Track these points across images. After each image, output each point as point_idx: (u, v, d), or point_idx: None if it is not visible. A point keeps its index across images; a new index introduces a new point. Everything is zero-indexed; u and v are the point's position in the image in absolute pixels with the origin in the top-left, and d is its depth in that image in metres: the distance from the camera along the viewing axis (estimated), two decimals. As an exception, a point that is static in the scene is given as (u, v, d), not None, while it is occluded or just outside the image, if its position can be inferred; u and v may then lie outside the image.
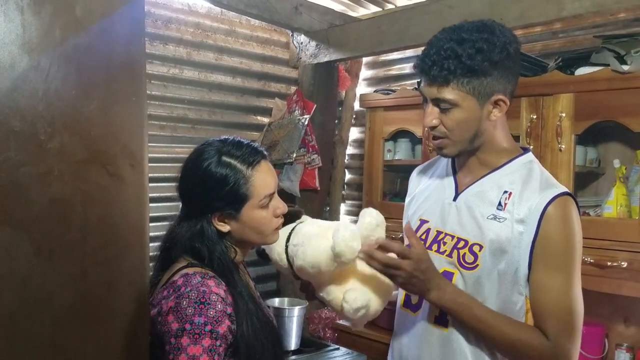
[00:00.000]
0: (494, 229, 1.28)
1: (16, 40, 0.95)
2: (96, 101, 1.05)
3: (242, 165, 1.31)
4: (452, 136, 1.29)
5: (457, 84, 1.24)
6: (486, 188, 1.33)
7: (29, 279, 0.97)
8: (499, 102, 1.28)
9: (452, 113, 1.27)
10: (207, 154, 1.34)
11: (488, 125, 1.30)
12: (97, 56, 1.06)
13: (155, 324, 1.23)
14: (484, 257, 1.28)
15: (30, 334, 0.97)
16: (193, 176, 1.35)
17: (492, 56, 1.22)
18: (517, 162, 1.34)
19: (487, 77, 1.24)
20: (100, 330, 1.07)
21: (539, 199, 1.26)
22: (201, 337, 1.16)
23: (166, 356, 1.18)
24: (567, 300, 1.25)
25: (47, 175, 0.99)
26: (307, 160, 2.98)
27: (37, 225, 0.98)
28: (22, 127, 0.95)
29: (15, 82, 0.95)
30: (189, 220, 1.34)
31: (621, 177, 2.16)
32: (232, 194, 1.30)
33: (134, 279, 1.13)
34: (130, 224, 1.13)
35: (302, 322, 2.60)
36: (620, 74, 2.03)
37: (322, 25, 3.00)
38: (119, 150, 1.10)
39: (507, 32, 1.27)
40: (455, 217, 1.35)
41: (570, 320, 1.25)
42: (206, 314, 1.17)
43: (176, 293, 1.21)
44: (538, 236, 1.24)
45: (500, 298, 1.28)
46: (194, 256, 1.31)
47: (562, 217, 1.25)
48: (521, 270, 1.26)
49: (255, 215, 1.33)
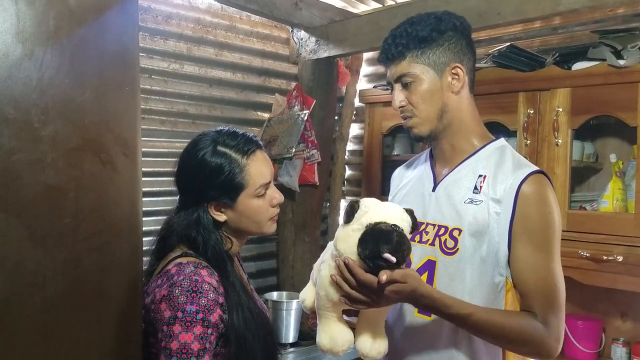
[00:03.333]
0: (471, 211, 1.31)
1: (10, 29, 0.96)
2: (89, 90, 1.07)
3: (237, 154, 1.33)
4: (419, 113, 1.36)
5: (412, 57, 1.35)
6: (462, 175, 1.37)
7: (22, 264, 0.98)
8: (455, 70, 1.35)
9: (414, 87, 1.35)
10: (203, 143, 1.36)
11: (452, 100, 1.36)
12: (90, 46, 1.07)
13: (149, 311, 1.25)
14: (463, 241, 1.31)
15: (23, 318, 0.99)
16: (189, 166, 1.37)
17: (439, 26, 1.34)
18: (490, 147, 1.38)
19: (438, 46, 1.34)
20: (93, 315, 1.09)
21: (513, 178, 1.29)
22: (193, 324, 1.18)
23: (158, 343, 1.20)
24: (550, 277, 1.27)
25: (40, 163, 1.00)
26: (306, 156, 2.99)
27: (31, 212, 0.99)
28: (15, 115, 0.97)
29: (10, 71, 0.96)
30: (185, 209, 1.36)
31: (617, 172, 2.16)
32: (228, 183, 1.32)
33: (127, 266, 1.15)
34: (124, 211, 1.14)
35: (300, 315, 2.62)
36: (616, 69, 2.03)
37: (322, 21, 3.01)
38: (112, 139, 1.11)
39: (454, 15, 1.38)
40: (436, 206, 1.38)
41: (555, 296, 1.27)
42: (198, 303, 1.19)
43: (169, 282, 1.23)
44: (515, 215, 1.27)
45: (482, 281, 1.30)
46: (189, 245, 1.33)
47: (538, 194, 1.27)
48: (501, 251, 1.28)
49: (251, 204, 1.34)
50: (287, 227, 3.11)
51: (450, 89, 1.36)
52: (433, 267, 1.34)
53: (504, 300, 1.30)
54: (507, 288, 1.30)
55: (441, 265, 1.33)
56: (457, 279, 1.31)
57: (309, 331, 2.80)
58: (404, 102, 1.38)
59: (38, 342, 1.01)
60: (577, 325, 2.34)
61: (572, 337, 2.33)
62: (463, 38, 1.37)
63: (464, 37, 1.38)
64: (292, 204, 3.08)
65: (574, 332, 2.33)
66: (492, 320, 1.24)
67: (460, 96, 1.37)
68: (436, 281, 1.34)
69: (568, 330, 2.34)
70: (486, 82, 2.39)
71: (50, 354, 1.03)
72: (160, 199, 2.53)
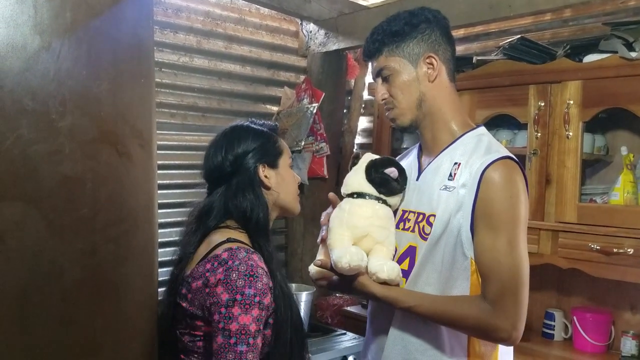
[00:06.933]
0: (444, 198, 1.35)
1: (28, 22, 0.97)
2: (106, 82, 1.08)
3: (268, 130, 1.52)
4: (399, 103, 1.43)
5: (388, 51, 1.42)
6: (441, 163, 1.42)
7: (40, 253, 1.00)
8: (429, 59, 1.41)
9: (393, 80, 1.42)
10: (239, 123, 1.52)
11: (429, 88, 1.42)
12: (106, 38, 1.09)
13: (199, 295, 1.29)
14: (436, 226, 1.35)
15: (41, 307, 1.01)
16: (233, 138, 1.47)
17: (411, 20, 1.42)
18: (469, 136, 1.42)
19: (412, 39, 1.41)
20: (109, 304, 1.10)
21: (480, 163, 1.32)
22: (251, 307, 1.24)
23: (214, 325, 1.25)
24: (508, 261, 1.28)
25: (58, 154, 1.01)
26: (316, 149, 3.00)
27: (49, 202, 1.01)
28: (34, 106, 0.98)
29: (28, 62, 0.98)
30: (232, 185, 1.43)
31: (628, 165, 2.15)
32: (271, 146, 1.48)
33: (143, 256, 1.17)
34: (139, 202, 1.16)
35: (310, 307, 2.63)
36: (628, 61, 2.02)
37: (332, 14, 3.01)
38: (128, 131, 1.13)
39: (427, 10, 1.45)
40: (417, 194, 1.44)
41: (513, 279, 1.27)
42: (255, 286, 1.25)
43: (223, 266, 1.27)
44: (478, 198, 1.30)
45: (452, 264, 1.33)
46: (237, 215, 1.40)
47: (502, 179, 1.30)
48: (463, 231, 1.31)
49: (288, 171, 1.51)
50: (296, 220, 3.12)
51: (427, 77, 1.41)
52: (414, 253, 1.39)
53: (469, 281, 1.33)
54: (472, 270, 1.32)
55: (420, 251, 1.38)
56: (431, 263, 1.36)
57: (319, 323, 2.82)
58: (385, 95, 1.45)
59: (55, 330, 1.03)
60: (587, 318, 2.34)
61: (582, 330, 2.33)
62: (437, 29, 1.43)
63: (438, 29, 1.43)
64: (301, 197, 3.07)
65: (584, 324, 2.33)
66: (435, 309, 1.30)
67: (438, 85, 1.42)
68: (416, 266, 1.38)
69: (577, 322, 2.34)
70: (497, 74, 2.39)
71: (67, 342, 1.05)
72: (170, 191, 2.55)
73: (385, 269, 1.31)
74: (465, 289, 1.33)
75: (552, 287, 2.56)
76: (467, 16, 2.36)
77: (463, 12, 2.35)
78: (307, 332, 2.55)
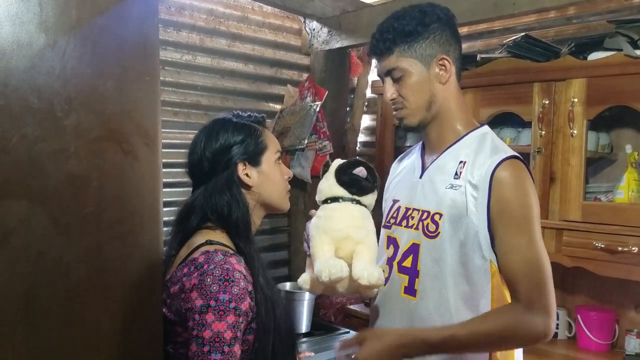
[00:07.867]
0: (451, 196, 1.36)
1: (33, 19, 0.97)
2: (111, 80, 1.08)
3: (253, 123, 1.42)
4: (409, 104, 1.41)
5: (400, 51, 1.39)
6: (445, 161, 1.42)
7: (46, 251, 1.00)
8: (442, 62, 1.39)
9: (404, 80, 1.40)
10: (221, 117, 1.43)
11: (440, 90, 1.41)
12: (111, 36, 1.08)
13: (175, 300, 1.24)
14: (443, 224, 1.36)
15: (46, 305, 1.00)
16: (213, 133, 1.38)
17: (423, 20, 1.38)
18: (473, 135, 1.43)
19: (424, 39, 1.38)
20: (115, 302, 1.10)
21: (488, 164, 1.33)
22: (226, 313, 1.17)
23: (189, 332, 1.19)
24: (533, 259, 1.29)
25: (63, 152, 1.01)
26: (319, 147, 2.99)
27: (54, 200, 1.00)
28: (39, 104, 0.98)
29: (33, 60, 0.97)
30: (210, 183, 1.36)
31: (633, 163, 2.15)
32: (253, 142, 1.38)
33: (148, 254, 1.16)
34: (145, 201, 1.15)
35: (313, 306, 2.63)
36: (633, 59, 2.01)
37: (335, 12, 3.00)
38: (134, 129, 1.12)
39: (437, 7, 1.42)
40: (421, 192, 1.44)
41: (540, 274, 1.29)
42: (230, 291, 1.18)
43: (199, 270, 1.21)
44: (491, 200, 1.31)
45: (464, 263, 1.33)
46: (216, 216, 1.33)
47: (512, 178, 1.31)
48: (481, 233, 1.32)
49: (273, 168, 1.41)
50: (299, 219, 3.12)
51: (438, 79, 1.40)
52: (417, 250, 1.40)
53: (490, 284, 1.33)
54: (492, 272, 1.33)
55: (424, 249, 1.38)
56: (439, 262, 1.36)
57: (322, 321, 2.82)
58: (395, 95, 1.42)
59: (61, 328, 1.03)
60: (591, 317, 2.34)
61: (586, 328, 2.32)
62: (448, 29, 1.41)
63: (448, 28, 1.41)
64: (304, 195, 3.09)
65: (588, 323, 2.33)
66: (475, 330, 1.27)
67: (448, 86, 1.42)
68: (420, 263, 1.39)
69: (581, 321, 2.34)
70: (501, 72, 2.39)
71: (73, 340, 1.04)
72: (174, 189, 2.54)
73: (365, 274, 1.30)
74: (486, 292, 1.33)
75: (556, 285, 2.46)
76: (471, 13, 2.36)
77: (467, 9, 2.34)
78: (308, 332, 2.56)
